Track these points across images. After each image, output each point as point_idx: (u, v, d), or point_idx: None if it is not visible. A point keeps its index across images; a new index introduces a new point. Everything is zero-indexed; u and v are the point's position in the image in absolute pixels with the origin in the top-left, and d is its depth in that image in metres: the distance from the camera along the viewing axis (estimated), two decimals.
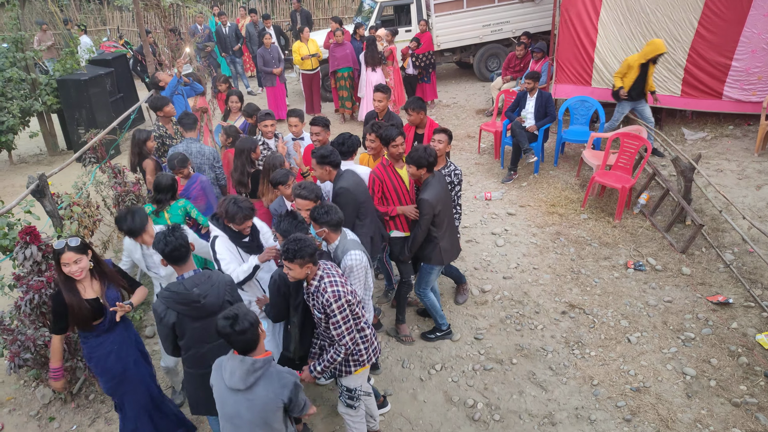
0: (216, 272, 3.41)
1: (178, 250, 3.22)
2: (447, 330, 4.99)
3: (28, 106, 9.39)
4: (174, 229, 3.26)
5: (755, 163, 7.29)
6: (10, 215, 4.48)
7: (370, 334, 3.53)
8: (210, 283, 3.28)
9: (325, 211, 3.66)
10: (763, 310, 4.97)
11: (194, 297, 3.21)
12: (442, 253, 4.58)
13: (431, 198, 4.33)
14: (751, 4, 7.43)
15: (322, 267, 3.32)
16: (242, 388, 2.71)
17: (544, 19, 11.52)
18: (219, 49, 12.47)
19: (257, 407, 2.73)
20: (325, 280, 3.25)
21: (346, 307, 3.25)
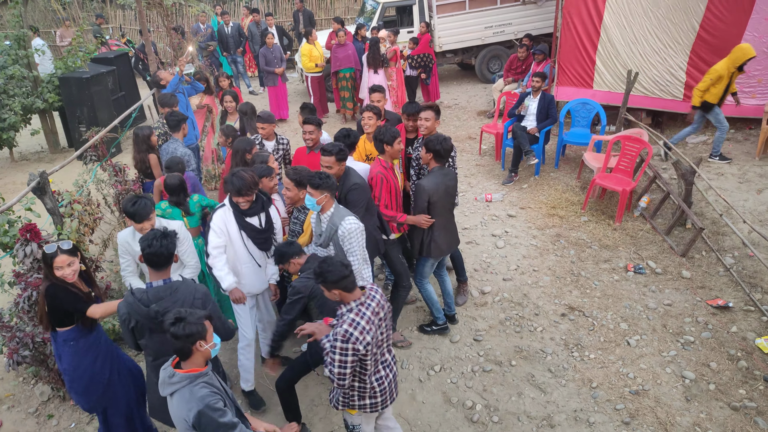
0: (187, 284, 3.24)
1: (157, 256, 3.11)
2: (443, 325, 5.02)
3: (29, 104, 9.40)
4: (165, 235, 3.15)
5: (756, 167, 7.29)
6: (11, 212, 4.49)
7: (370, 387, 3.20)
8: (173, 299, 3.13)
9: (326, 175, 3.72)
10: (762, 314, 4.97)
11: (151, 314, 3.10)
12: (432, 247, 4.59)
13: (427, 185, 4.38)
14: (752, 8, 7.43)
15: (363, 299, 3.08)
16: (163, 395, 2.72)
17: (546, 21, 11.53)
18: (221, 49, 12.48)
19: (175, 415, 2.69)
20: (350, 315, 3.02)
21: (349, 354, 2.95)
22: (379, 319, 3.12)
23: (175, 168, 4.96)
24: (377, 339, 3.11)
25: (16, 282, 4.21)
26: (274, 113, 10.82)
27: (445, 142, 4.39)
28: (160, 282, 3.18)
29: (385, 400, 3.30)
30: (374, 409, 3.28)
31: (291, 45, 13.83)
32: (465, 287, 5.52)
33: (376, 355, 3.16)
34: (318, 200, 3.77)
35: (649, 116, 8.85)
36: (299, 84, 13.27)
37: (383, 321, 3.17)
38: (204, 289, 3.32)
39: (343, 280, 2.99)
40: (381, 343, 3.18)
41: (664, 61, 8.18)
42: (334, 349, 2.98)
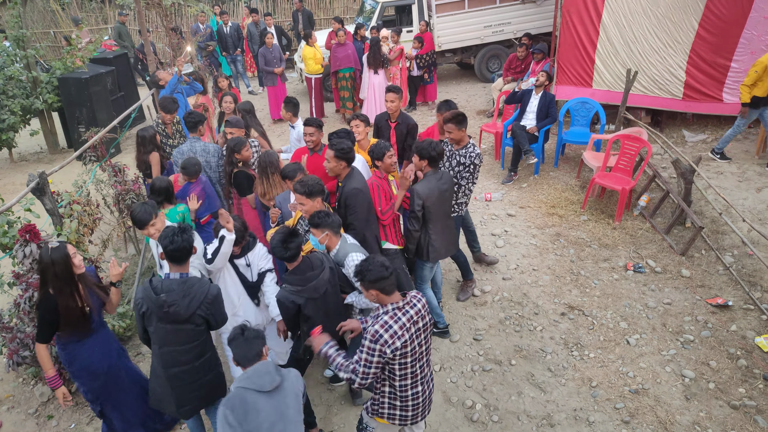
0: (202, 283, 3.35)
1: (180, 251, 3.25)
2: (444, 328, 4.98)
3: (29, 105, 9.40)
4: (184, 230, 3.28)
5: (756, 166, 7.29)
6: (10, 213, 4.49)
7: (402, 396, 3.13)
8: (184, 293, 3.24)
9: (325, 214, 3.69)
10: (762, 313, 4.97)
11: (160, 302, 3.21)
12: (430, 250, 4.59)
13: (421, 190, 4.37)
14: (751, 6, 7.43)
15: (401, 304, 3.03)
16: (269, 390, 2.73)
17: (545, 20, 11.52)
18: (220, 49, 12.48)
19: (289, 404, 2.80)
20: (384, 317, 2.98)
21: (375, 355, 2.93)
22: (417, 328, 3.04)
23: (191, 170, 4.88)
24: (413, 349, 3.03)
25: (16, 283, 4.21)
26: (273, 113, 10.84)
27: (438, 147, 4.37)
28: (177, 275, 3.30)
29: (416, 415, 3.22)
30: (403, 421, 3.22)
31: (290, 45, 13.82)
32: (470, 284, 5.52)
33: (414, 367, 3.07)
34: (320, 239, 3.73)
35: (649, 115, 8.85)
36: (298, 84, 13.26)
37: (422, 332, 3.08)
38: (217, 290, 3.40)
39: (382, 281, 2.96)
40: (419, 354, 3.09)
41: (664, 60, 8.18)
42: (362, 347, 2.97)
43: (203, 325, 3.35)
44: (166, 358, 3.34)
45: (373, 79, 9.68)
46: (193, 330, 3.31)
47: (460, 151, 4.91)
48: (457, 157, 4.93)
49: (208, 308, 3.31)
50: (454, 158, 4.96)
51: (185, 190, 4.99)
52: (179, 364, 3.35)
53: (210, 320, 3.36)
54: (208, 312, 3.32)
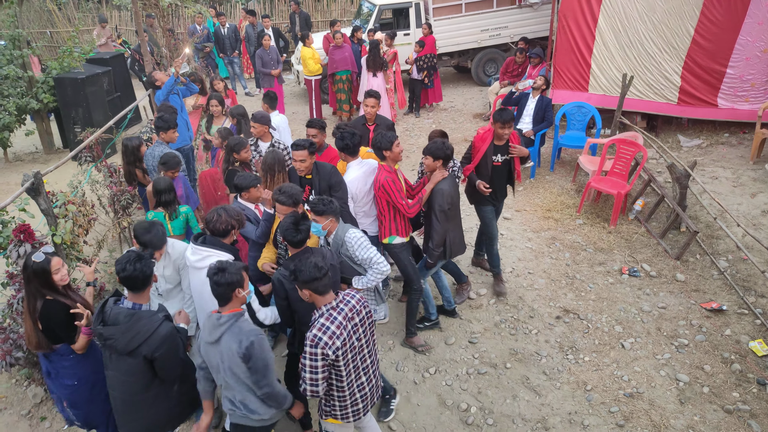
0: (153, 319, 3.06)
1: (132, 280, 3.03)
2: (435, 320, 5.07)
3: (24, 104, 9.36)
4: (140, 258, 3.05)
5: (750, 171, 7.33)
6: (5, 213, 4.46)
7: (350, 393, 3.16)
8: (127, 328, 2.99)
9: (329, 201, 3.77)
10: (756, 318, 4.99)
11: (96, 332, 3.05)
12: (452, 248, 4.66)
13: (446, 188, 4.45)
14: (746, 13, 7.49)
15: (334, 303, 3.05)
16: (212, 341, 2.97)
17: (541, 24, 11.56)
18: (217, 50, 12.47)
19: (225, 357, 2.96)
20: (320, 319, 2.99)
21: (318, 359, 2.92)
22: (354, 324, 3.07)
23: (172, 162, 4.94)
24: (352, 345, 3.05)
25: (9, 283, 4.18)
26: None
27: (449, 146, 4.46)
28: (130, 304, 3.07)
29: (366, 406, 3.28)
30: (357, 416, 3.25)
31: (287, 47, 13.82)
32: (465, 287, 5.53)
33: (356, 362, 3.11)
34: (323, 225, 3.77)
35: (644, 120, 8.89)
36: (295, 86, 13.26)
37: (359, 326, 3.11)
38: (168, 330, 3.09)
39: (314, 282, 2.95)
40: (358, 349, 3.12)
41: (659, 65, 8.23)
42: (304, 354, 2.95)
43: (148, 363, 3.06)
44: (110, 380, 3.18)
45: (372, 81, 9.69)
46: (136, 365, 3.05)
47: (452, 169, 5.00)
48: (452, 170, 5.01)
49: (153, 348, 3.01)
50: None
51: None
52: (119, 389, 3.16)
53: (155, 363, 3.06)
54: (153, 353, 3.01)
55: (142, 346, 2.99)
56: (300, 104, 11.94)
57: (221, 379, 3.08)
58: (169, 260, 4.00)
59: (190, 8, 11.50)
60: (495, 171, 5.15)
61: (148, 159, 5.63)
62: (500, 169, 5.18)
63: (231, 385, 3.06)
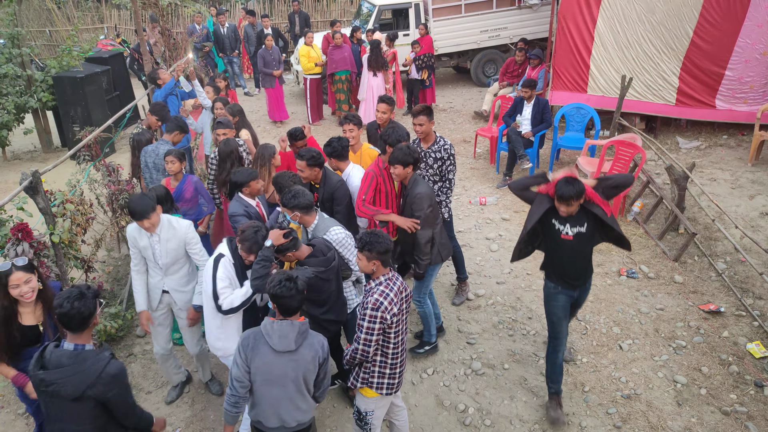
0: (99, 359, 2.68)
1: (68, 318, 2.64)
2: (434, 343, 4.86)
3: (23, 103, 9.35)
4: (83, 296, 2.68)
5: (748, 173, 7.34)
6: (3, 212, 4.46)
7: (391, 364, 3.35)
8: (72, 372, 2.62)
9: (293, 195, 3.79)
10: (754, 320, 5.00)
11: (37, 380, 2.66)
12: (440, 250, 4.48)
13: (425, 192, 4.24)
14: (745, 15, 7.50)
15: (389, 277, 3.30)
16: (293, 349, 2.91)
17: (541, 25, 11.57)
18: (216, 50, 12.46)
19: (301, 366, 2.94)
20: (380, 287, 3.24)
21: (377, 322, 3.17)
22: (401, 299, 3.31)
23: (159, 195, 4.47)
24: (400, 319, 3.30)
25: None
26: (272, 115, 10.81)
27: (414, 150, 4.24)
28: (71, 346, 2.69)
29: (400, 383, 3.47)
30: (389, 390, 3.39)
31: (287, 47, 13.81)
32: (464, 286, 5.49)
33: (399, 337, 3.32)
34: (292, 217, 3.84)
35: (643, 121, 8.90)
36: (294, 86, 13.26)
37: (405, 303, 3.36)
38: (118, 368, 2.72)
39: (387, 254, 3.21)
40: (403, 326, 3.36)
41: (658, 66, 8.24)
42: (363, 317, 3.18)
43: (99, 407, 2.69)
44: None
45: (372, 81, 9.70)
46: (84, 410, 2.68)
47: (432, 147, 4.86)
48: (432, 155, 4.86)
49: (102, 390, 2.64)
50: (429, 156, 4.87)
51: (179, 190, 4.98)
52: None
53: (108, 405, 2.70)
54: (105, 394, 2.66)
55: (91, 388, 2.62)
56: (299, 104, 11.95)
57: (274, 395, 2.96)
58: (173, 233, 3.99)
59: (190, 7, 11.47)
60: (566, 247, 3.83)
61: (150, 155, 5.49)
62: (573, 245, 3.79)
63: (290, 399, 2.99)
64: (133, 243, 4.04)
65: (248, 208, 4.39)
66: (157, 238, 3.96)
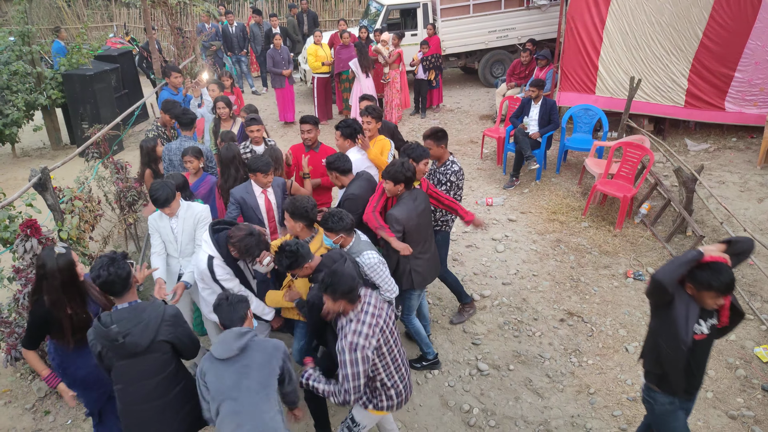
0: (155, 306, 3.01)
1: (110, 284, 2.92)
2: (434, 359, 4.67)
3: (32, 100, 9.42)
4: (114, 260, 2.93)
5: (757, 176, 7.29)
6: (12, 208, 4.49)
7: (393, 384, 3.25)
8: (137, 320, 2.90)
9: (339, 218, 3.66)
10: (762, 323, 4.97)
11: (112, 335, 2.86)
12: (413, 276, 4.21)
13: (399, 215, 4.06)
14: (756, 17, 7.45)
15: (360, 306, 3.10)
16: (235, 353, 2.83)
17: (549, 26, 11.54)
18: (225, 49, 12.50)
19: (253, 371, 2.85)
20: (351, 325, 3.04)
21: (359, 364, 2.99)
22: (379, 320, 3.12)
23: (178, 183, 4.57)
24: (386, 339, 3.16)
25: (15, 277, 4.21)
26: (281, 115, 10.81)
27: (410, 167, 4.08)
28: (125, 304, 2.98)
29: (401, 402, 3.35)
30: (400, 399, 3.35)
31: (294, 46, 13.83)
32: (467, 308, 5.25)
33: (392, 354, 3.20)
34: (335, 240, 3.73)
35: (651, 123, 8.86)
36: (301, 85, 13.29)
37: (385, 323, 3.17)
38: (174, 310, 3.08)
39: (352, 292, 3.00)
40: (392, 342, 3.22)
41: (666, 68, 8.20)
42: (344, 363, 2.98)
43: (169, 352, 3.02)
44: (133, 395, 3.00)
45: (365, 82, 9.70)
46: (159, 359, 2.99)
47: (440, 168, 4.75)
48: (437, 175, 4.77)
49: (169, 331, 2.97)
50: (435, 176, 4.78)
51: (195, 187, 5.03)
52: (150, 399, 3.01)
53: (177, 344, 3.03)
54: (171, 335, 2.99)
55: (160, 332, 2.93)
56: (307, 103, 11.97)
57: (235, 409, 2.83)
58: (191, 213, 4.26)
59: (199, 6, 11.51)
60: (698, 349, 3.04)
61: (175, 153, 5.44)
62: (705, 343, 3.07)
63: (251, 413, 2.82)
64: (155, 228, 4.28)
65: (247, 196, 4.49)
66: (176, 220, 4.24)
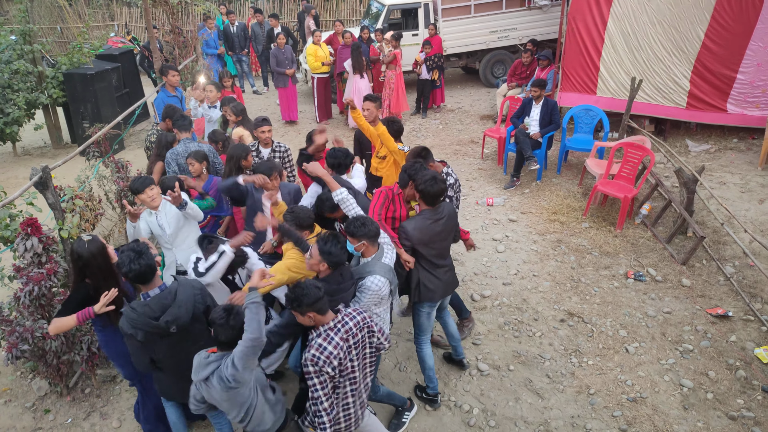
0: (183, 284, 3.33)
1: (142, 275, 3.17)
2: (433, 396, 4.36)
3: (33, 99, 9.43)
4: (141, 253, 3.16)
5: (758, 177, 7.28)
6: (13, 206, 4.50)
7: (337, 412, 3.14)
8: (177, 305, 3.21)
9: (362, 223, 3.50)
10: (762, 324, 4.96)
11: (162, 327, 3.15)
12: (420, 289, 4.05)
13: (410, 230, 3.87)
14: (758, 18, 7.44)
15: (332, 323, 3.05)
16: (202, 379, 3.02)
17: (550, 26, 11.53)
18: (226, 48, 12.50)
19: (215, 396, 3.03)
20: (318, 340, 3.00)
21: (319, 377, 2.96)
22: (348, 346, 3.05)
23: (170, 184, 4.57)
24: (345, 365, 3.05)
25: (16, 276, 4.21)
26: (284, 115, 10.81)
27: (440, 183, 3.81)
28: (156, 290, 3.24)
29: (349, 426, 3.25)
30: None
31: (296, 46, 13.84)
32: (467, 323, 5.10)
33: (344, 383, 3.11)
34: (356, 247, 3.55)
35: (652, 124, 8.85)
36: (302, 85, 13.28)
37: (353, 348, 3.09)
38: (198, 282, 3.44)
39: (318, 302, 2.96)
40: (350, 370, 3.09)
41: (668, 69, 8.19)
42: (308, 374, 2.97)
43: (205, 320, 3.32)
44: (183, 364, 3.25)
45: (359, 83, 9.70)
46: (202, 326, 3.33)
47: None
48: None
49: (204, 299, 3.37)
50: None
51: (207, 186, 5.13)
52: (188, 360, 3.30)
53: (211, 306, 3.38)
54: (205, 302, 3.36)
55: (199, 303, 3.29)
56: (308, 103, 11.96)
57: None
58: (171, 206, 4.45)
59: (200, 5, 11.51)
60: None
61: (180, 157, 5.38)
62: None
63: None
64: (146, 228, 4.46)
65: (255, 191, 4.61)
66: (162, 213, 4.44)
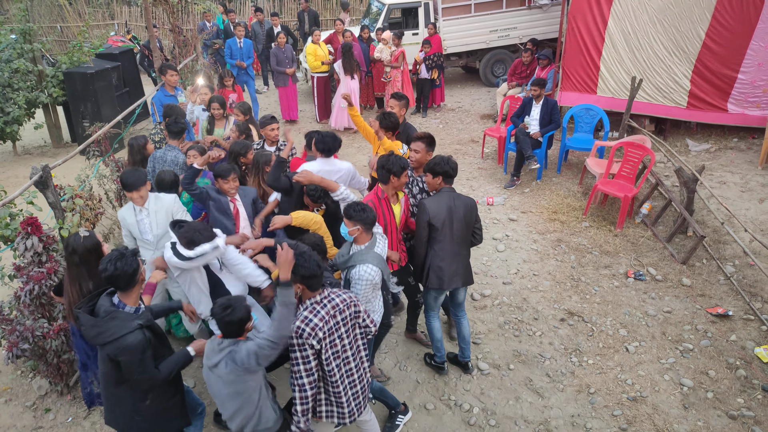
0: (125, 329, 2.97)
1: (117, 279, 3.00)
2: (440, 363, 4.59)
3: (34, 98, 9.42)
4: (123, 256, 3.01)
5: (759, 176, 7.28)
6: (13, 205, 4.49)
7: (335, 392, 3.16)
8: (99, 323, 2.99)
9: (362, 208, 3.51)
10: (762, 324, 4.96)
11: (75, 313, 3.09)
12: (430, 275, 4.11)
13: (430, 205, 3.99)
14: (759, 18, 7.44)
15: (319, 298, 3.09)
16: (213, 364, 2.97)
17: (551, 26, 11.53)
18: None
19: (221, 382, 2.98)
20: (304, 312, 3.04)
21: (302, 349, 2.98)
22: (336, 322, 3.09)
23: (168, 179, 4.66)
24: (333, 342, 3.08)
25: (16, 275, 4.21)
26: (285, 114, 10.81)
27: (452, 161, 4.06)
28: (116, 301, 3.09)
29: (353, 412, 3.25)
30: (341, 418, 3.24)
31: (296, 45, 13.83)
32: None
33: (338, 361, 3.13)
34: (350, 231, 3.54)
35: (653, 123, 8.85)
36: (302, 84, 13.28)
37: (341, 325, 3.12)
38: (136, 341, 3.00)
39: (312, 279, 3.02)
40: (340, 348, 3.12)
41: (669, 69, 8.19)
42: (293, 348, 3.01)
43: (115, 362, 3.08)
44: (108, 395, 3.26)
45: (350, 84, 9.70)
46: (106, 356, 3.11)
47: (422, 176, 4.47)
48: (418, 184, 4.52)
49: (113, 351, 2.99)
50: (416, 185, 4.53)
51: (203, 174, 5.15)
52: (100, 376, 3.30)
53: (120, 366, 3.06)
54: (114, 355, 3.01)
55: (107, 346, 2.96)
56: (307, 102, 11.96)
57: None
58: (161, 205, 4.37)
59: (200, 4, 11.51)
60: None
61: (158, 162, 5.33)
62: None
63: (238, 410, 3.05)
64: (124, 224, 4.41)
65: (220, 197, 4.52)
66: (146, 212, 4.33)
